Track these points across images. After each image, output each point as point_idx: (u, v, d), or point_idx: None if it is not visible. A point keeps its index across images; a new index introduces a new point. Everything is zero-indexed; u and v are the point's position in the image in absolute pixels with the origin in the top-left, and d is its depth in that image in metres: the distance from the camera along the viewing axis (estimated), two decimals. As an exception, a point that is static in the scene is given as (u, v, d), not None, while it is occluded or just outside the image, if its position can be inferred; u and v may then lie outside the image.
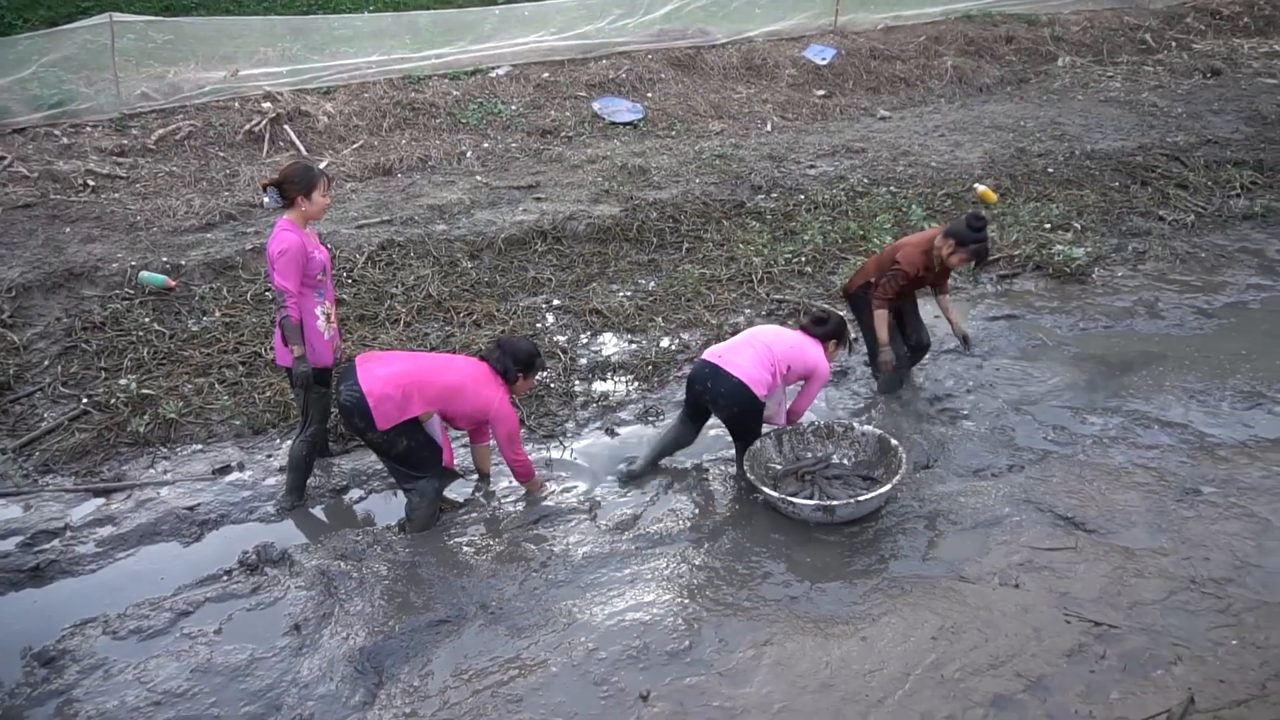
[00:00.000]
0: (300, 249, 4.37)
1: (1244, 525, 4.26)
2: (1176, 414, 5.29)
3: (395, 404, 4.16)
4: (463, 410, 4.33)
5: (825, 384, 4.83)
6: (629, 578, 4.09)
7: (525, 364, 4.42)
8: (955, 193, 8.75)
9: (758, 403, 4.53)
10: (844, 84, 12.07)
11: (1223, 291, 6.97)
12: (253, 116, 9.24)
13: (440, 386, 4.26)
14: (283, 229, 4.41)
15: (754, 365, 4.52)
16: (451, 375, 4.33)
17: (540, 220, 7.94)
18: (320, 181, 4.42)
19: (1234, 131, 10.42)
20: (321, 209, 4.49)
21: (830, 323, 4.80)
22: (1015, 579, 3.95)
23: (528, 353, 4.44)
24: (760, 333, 4.76)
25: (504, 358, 4.39)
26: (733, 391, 4.49)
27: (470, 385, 4.31)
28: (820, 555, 4.20)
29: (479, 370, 4.39)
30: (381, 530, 4.53)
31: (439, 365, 4.42)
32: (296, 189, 4.38)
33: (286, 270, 4.34)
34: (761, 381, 4.51)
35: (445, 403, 4.29)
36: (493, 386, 4.34)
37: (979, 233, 4.89)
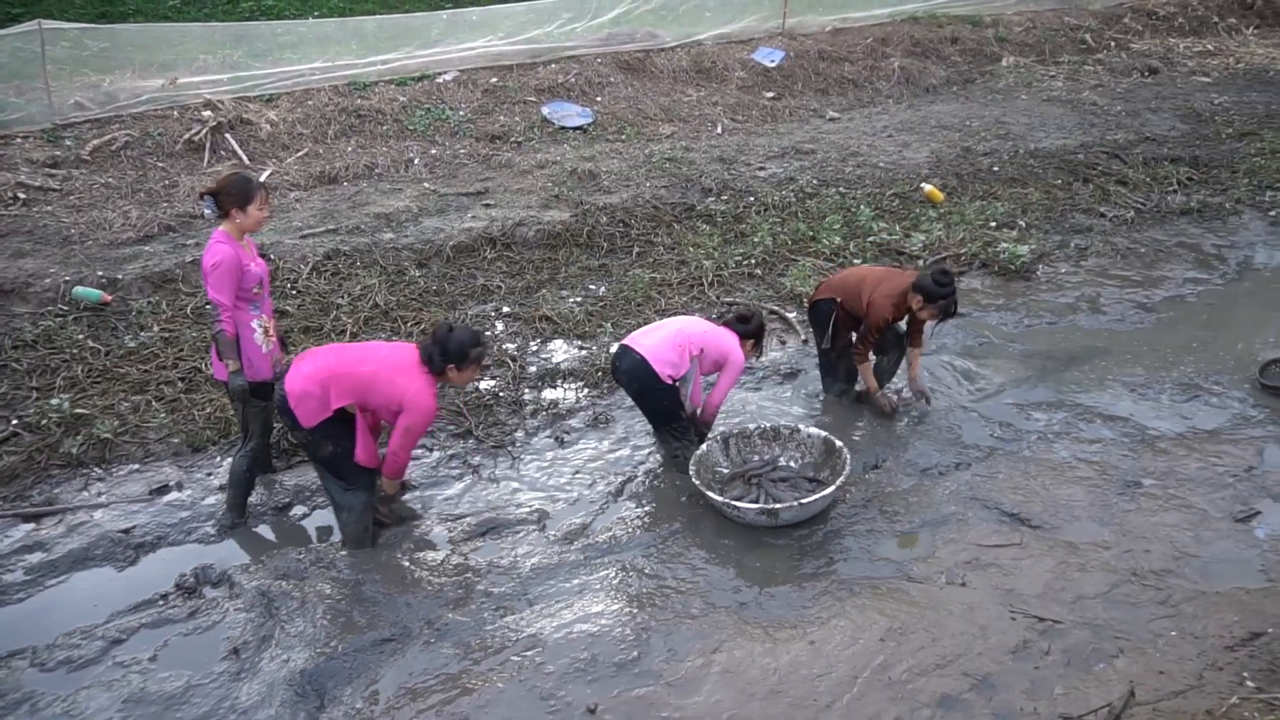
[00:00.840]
0: (234, 262, 4.27)
1: (1182, 516, 4.34)
2: (1118, 408, 5.38)
3: (316, 400, 4.04)
4: (379, 401, 4.07)
5: (739, 376, 4.82)
6: (577, 589, 4.04)
7: (456, 355, 4.04)
8: (903, 192, 8.84)
9: (658, 381, 4.54)
10: (793, 86, 12.14)
11: (1161, 286, 7.12)
12: (192, 125, 9.03)
13: (356, 377, 4.06)
14: (217, 241, 4.31)
15: (660, 345, 4.58)
16: (369, 365, 4.09)
17: (489, 227, 7.86)
18: (258, 194, 4.32)
19: (1171, 129, 10.67)
20: (258, 222, 4.40)
21: (753, 322, 4.83)
22: (962, 577, 3.97)
23: (460, 343, 4.04)
24: (679, 319, 4.87)
25: (431, 346, 4.06)
26: (634, 368, 4.55)
27: (385, 374, 4.05)
28: (769, 559, 4.19)
29: (403, 358, 4.12)
30: (325, 548, 4.42)
31: (360, 355, 4.18)
32: (232, 201, 4.28)
33: (220, 283, 4.24)
34: (665, 360, 4.54)
35: (362, 394, 4.07)
36: (411, 375, 4.05)
37: (945, 288, 4.83)
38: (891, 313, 5.00)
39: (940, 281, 4.84)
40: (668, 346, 4.62)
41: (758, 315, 4.94)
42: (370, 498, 4.34)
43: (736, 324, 4.85)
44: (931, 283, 4.85)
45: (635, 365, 4.60)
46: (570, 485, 4.86)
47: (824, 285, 5.43)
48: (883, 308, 4.98)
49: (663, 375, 4.57)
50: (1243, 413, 5.29)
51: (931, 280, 4.85)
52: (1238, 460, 4.77)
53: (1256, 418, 5.21)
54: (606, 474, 4.92)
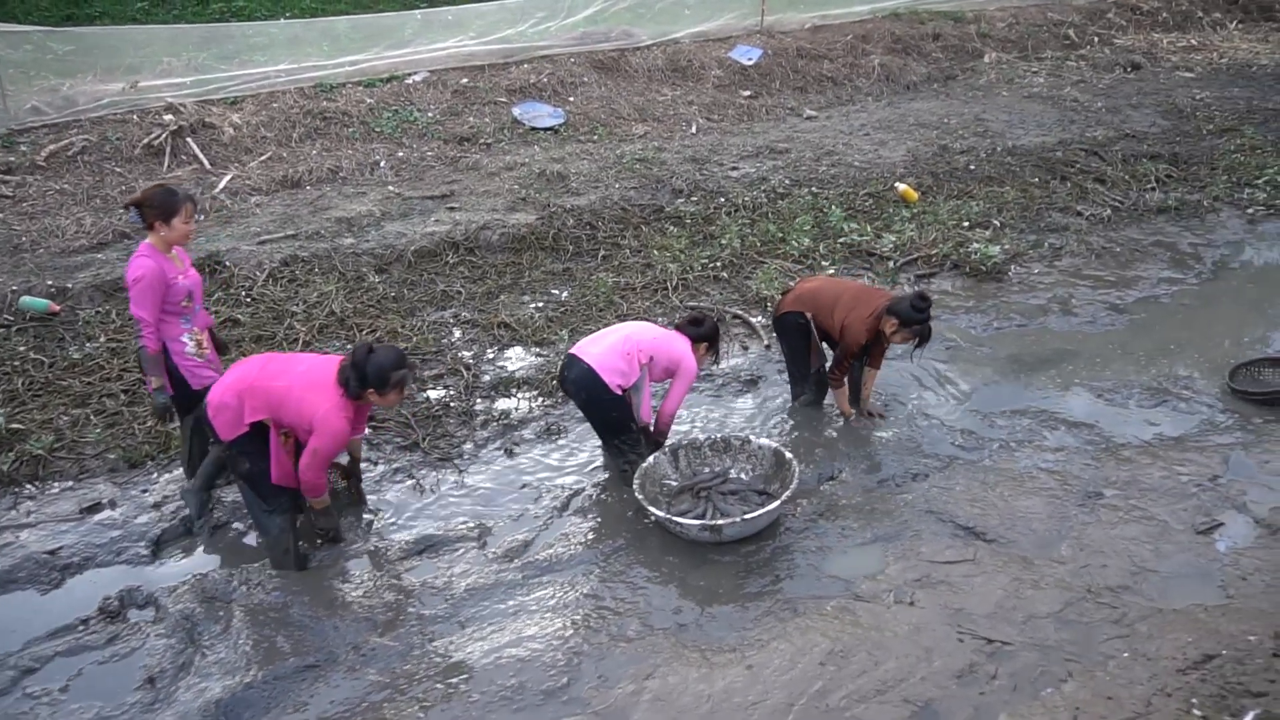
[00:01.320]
0: (157, 277, 4.14)
1: (1143, 529, 4.19)
2: (1084, 414, 5.23)
3: (232, 412, 3.89)
4: (291, 419, 3.90)
5: (693, 383, 4.63)
6: (512, 610, 3.89)
7: (376, 380, 3.84)
8: (877, 192, 8.69)
9: (607, 391, 4.38)
10: (770, 84, 11.99)
11: (1135, 286, 6.97)
12: (153, 130, 8.86)
13: (270, 391, 3.89)
14: (140, 255, 4.17)
15: (607, 353, 4.43)
16: (284, 379, 3.92)
17: (453, 231, 7.70)
18: (182, 207, 4.17)
19: (1151, 125, 10.53)
20: (183, 235, 4.26)
21: (705, 326, 4.67)
22: (911, 596, 3.82)
23: (379, 366, 3.83)
24: (627, 325, 4.70)
25: (348, 369, 3.85)
26: (580, 377, 4.40)
27: (298, 390, 3.87)
28: (713, 577, 4.04)
29: (320, 374, 3.93)
30: (257, 568, 4.26)
31: (280, 369, 4.00)
32: (156, 214, 4.15)
33: (141, 299, 4.12)
34: (613, 369, 4.40)
35: (275, 410, 3.89)
36: (324, 393, 3.86)
37: (922, 313, 4.67)
38: (866, 337, 4.85)
39: (918, 307, 4.69)
40: (616, 355, 4.46)
41: (710, 319, 4.78)
42: (290, 520, 4.18)
43: (688, 328, 4.69)
44: (909, 308, 4.69)
45: (582, 375, 4.45)
46: (516, 499, 4.70)
47: (792, 296, 5.21)
48: (857, 333, 4.82)
49: (611, 385, 4.42)
50: (1211, 419, 5.14)
51: (909, 305, 4.70)
52: (1202, 469, 4.62)
53: (1224, 424, 5.07)
54: (554, 488, 4.77)
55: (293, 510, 4.21)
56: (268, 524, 4.14)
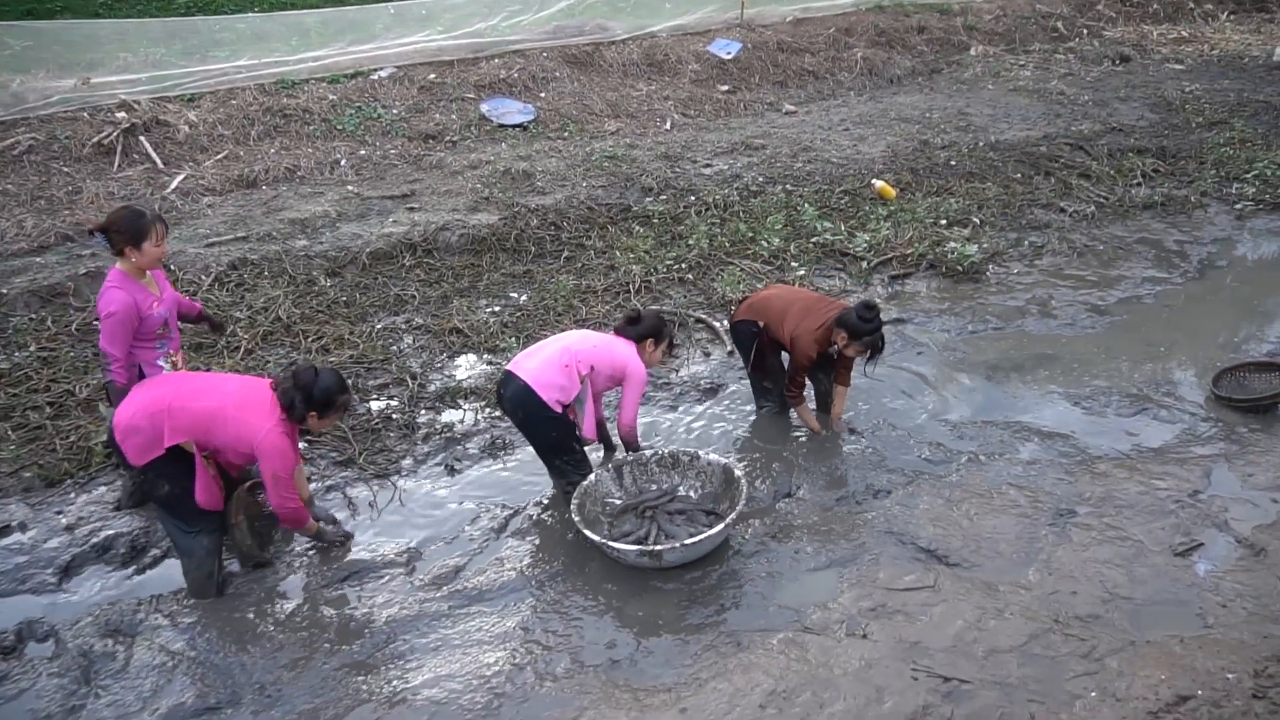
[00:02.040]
0: (129, 312, 3.86)
1: (1116, 550, 3.90)
2: (1059, 424, 4.95)
3: (145, 437, 3.61)
4: (223, 440, 3.66)
5: (645, 387, 4.31)
6: (433, 645, 3.60)
7: (321, 403, 3.71)
8: (853, 189, 8.39)
9: (545, 409, 4.09)
10: (750, 78, 11.69)
11: (1118, 286, 6.69)
12: (104, 128, 8.55)
13: (195, 413, 3.63)
14: (112, 286, 3.88)
15: (544, 368, 4.13)
16: (212, 399, 3.67)
17: (410, 232, 7.40)
18: (152, 230, 3.85)
19: (1139, 119, 10.24)
20: (155, 259, 3.95)
21: (644, 322, 4.32)
22: (864, 628, 3.53)
23: (326, 390, 3.71)
24: (565, 335, 4.38)
25: (293, 390, 3.66)
26: (515, 395, 4.12)
27: (232, 411, 3.64)
28: (654, 607, 3.75)
29: (254, 395, 3.72)
30: (168, 597, 3.97)
31: (204, 388, 3.76)
32: (124, 239, 3.84)
33: (113, 335, 3.86)
34: (550, 384, 4.09)
35: (203, 432, 3.64)
36: (262, 414, 3.66)
37: (870, 323, 4.35)
38: (815, 350, 4.55)
39: (864, 317, 4.37)
40: (553, 369, 4.15)
41: (651, 314, 4.42)
42: (216, 542, 3.91)
43: (626, 329, 4.33)
44: (856, 318, 4.38)
45: (518, 393, 4.14)
46: (452, 520, 4.41)
47: (746, 305, 4.93)
48: (806, 346, 4.53)
49: (549, 402, 4.11)
50: (1192, 428, 4.86)
51: (856, 316, 4.38)
52: (1182, 483, 4.34)
53: (1207, 434, 4.79)
54: (493, 507, 4.48)
55: (219, 531, 3.93)
56: (191, 546, 3.86)
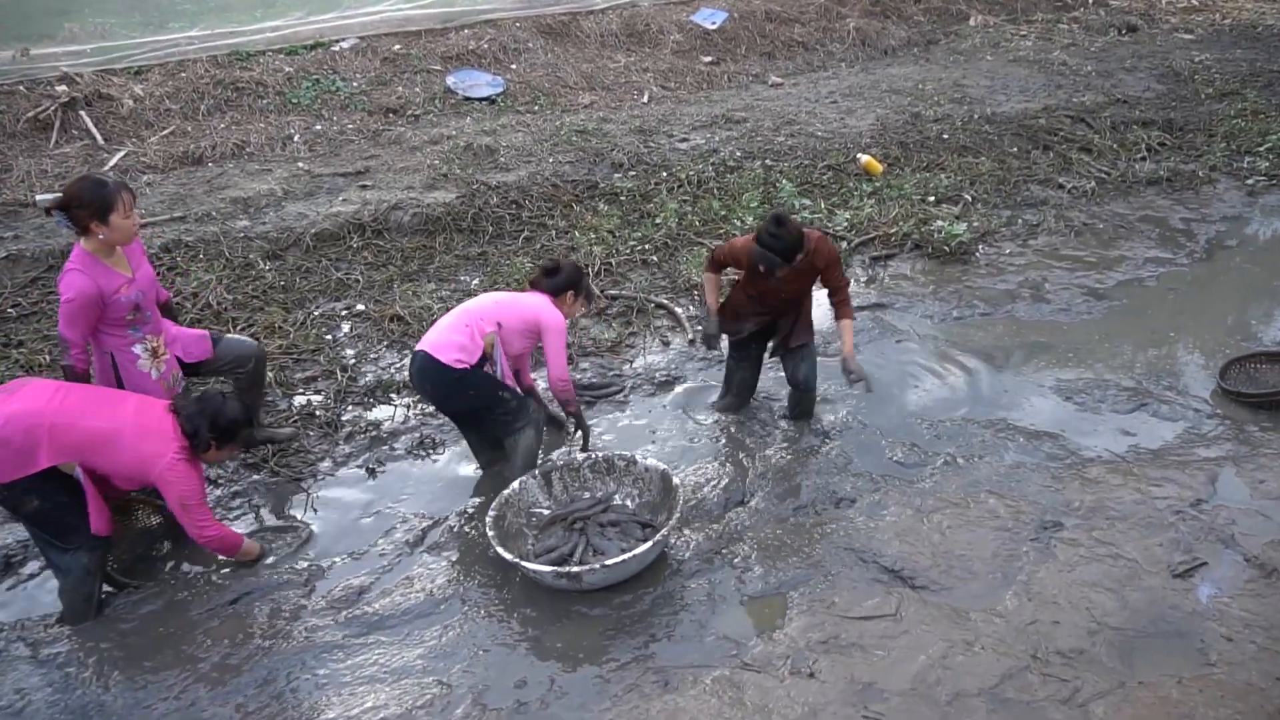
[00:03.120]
0: (91, 299, 3.45)
1: (1106, 571, 3.42)
2: (1048, 422, 4.45)
3: (14, 452, 3.18)
4: (116, 466, 3.31)
5: (565, 336, 3.99)
6: (320, 682, 3.14)
7: (225, 432, 3.45)
8: (838, 164, 7.86)
9: (450, 371, 3.76)
10: (735, 49, 11.12)
11: (1118, 267, 6.16)
12: (42, 101, 8.06)
13: (84, 432, 3.25)
14: (72, 268, 3.45)
15: (443, 333, 3.85)
16: (106, 419, 3.30)
17: (360, 211, 6.90)
18: (118, 200, 3.41)
19: (1145, 90, 9.65)
20: (126, 233, 3.51)
21: (563, 272, 4.04)
22: (811, 664, 3.06)
23: (231, 419, 3.45)
24: (465, 303, 4.09)
25: (197, 418, 3.39)
26: (420, 369, 3.83)
27: (130, 436, 3.30)
28: (574, 636, 3.28)
29: (152, 419, 3.38)
30: (35, 622, 3.52)
31: (96, 404, 3.36)
32: (89, 214, 3.39)
33: (71, 320, 3.49)
34: (451, 346, 3.79)
35: (89, 454, 3.27)
36: (163, 440, 3.34)
37: (772, 237, 3.79)
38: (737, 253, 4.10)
39: (770, 231, 3.81)
40: (452, 331, 3.85)
41: (568, 264, 4.13)
42: (98, 560, 3.46)
43: (544, 281, 4.05)
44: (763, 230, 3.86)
45: (422, 365, 3.83)
46: (363, 531, 3.95)
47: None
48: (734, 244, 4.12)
49: (451, 363, 3.77)
50: (1196, 426, 4.36)
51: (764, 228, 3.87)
52: (1184, 490, 3.84)
53: (1212, 433, 4.29)
54: (411, 517, 4.01)
55: (102, 548, 3.49)
56: (69, 564, 3.43)
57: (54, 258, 6.17)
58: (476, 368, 3.81)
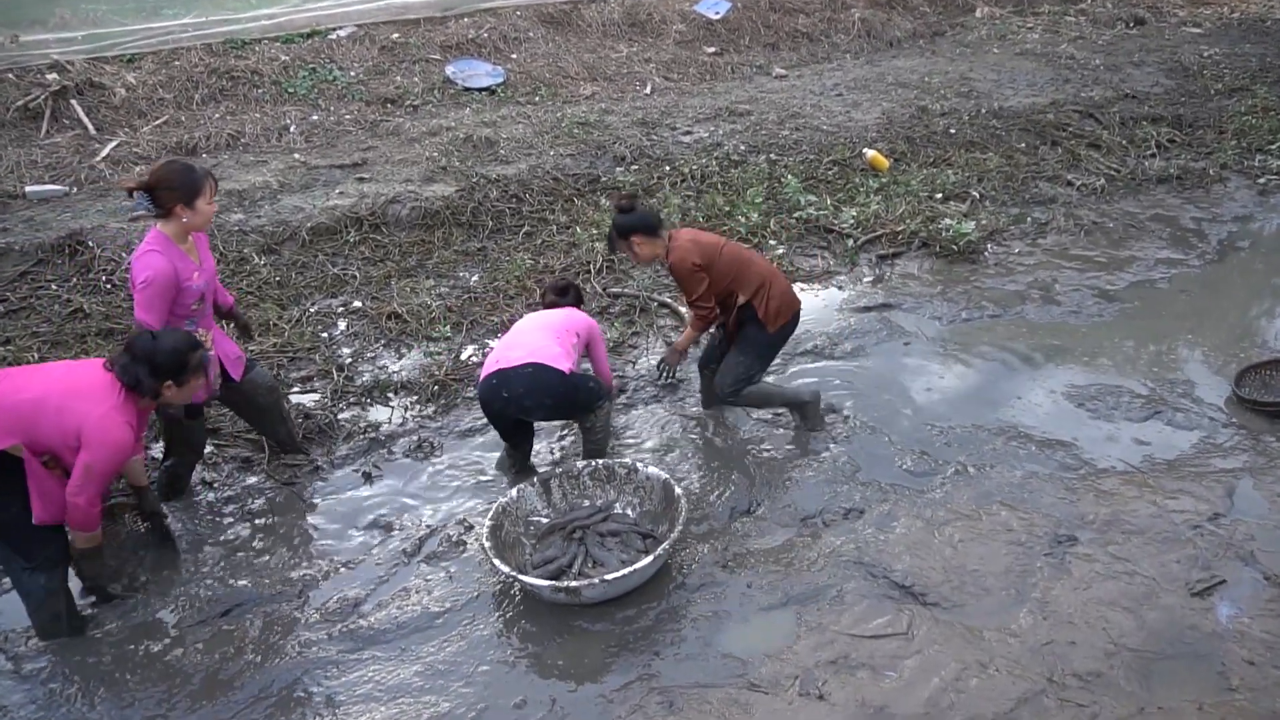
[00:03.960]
0: (170, 279, 3.44)
1: (1123, 589, 3.33)
2: (1060, 430, 4.35)
3: None
4: (49, 436, 3.05)
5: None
6: (312, 701, 3.04)
7: (173, 368, 3.15)
8: (843, 159, 7.73)
9: (568, 378, 3.79)
10: (739, 40, 10.97)
11: (1129, 268, 6.05)
12: (32, 90, 7.90)
13: (16, 407, 3.05)
14: (151, 249, 3.42)
15: (541, 343, 3.87)
16: (35, 389, 3.09)
17: (358, 205, 6.77)
18: (205, 184, 3.48)
19: (1154, 85, 9.51)
20: (207, 219, 3.57)
21: (573, 289, 4.46)
22: (820, 685, 2.97)
23: (171, 352, 3.14)
24: (526, 320, 4.15)
25: (133, 365, 3.12)
26: (537, 382, 3.74)
27: (55, 400, 3.05)
28: (575, 654, 3.19)
29: (84, 378, 3.14)
30: (19, 634, 3.42)
31: (27, 378, 3.17)
32: (177, 196, 3.41)
33: (150, 304, 3.45)
34: (559, 355, 3.84)
35: (28, 429, 3.05)
36: (94, 400, 3.08)
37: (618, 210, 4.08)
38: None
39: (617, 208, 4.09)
40: (547, 342, 3.89)
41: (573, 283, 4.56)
42: (59, 577, 3.33)
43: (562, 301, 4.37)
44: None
45: (539, 378, 3.74)
46: (360, 540, 3.85)
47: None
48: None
49: (567, 371, 3.83)
50: (1212, 435, 4.25)
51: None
52: (1200, 504, 3.75)
53: (1228, 443, 4.18)
54: (408, 525, 3.91)
55: (63, 564, 3.36)
56: (29, 584, 3.29)
57: (44, 251, 6.04)
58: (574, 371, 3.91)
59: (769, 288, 4.08)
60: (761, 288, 4.06)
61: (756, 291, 4.05)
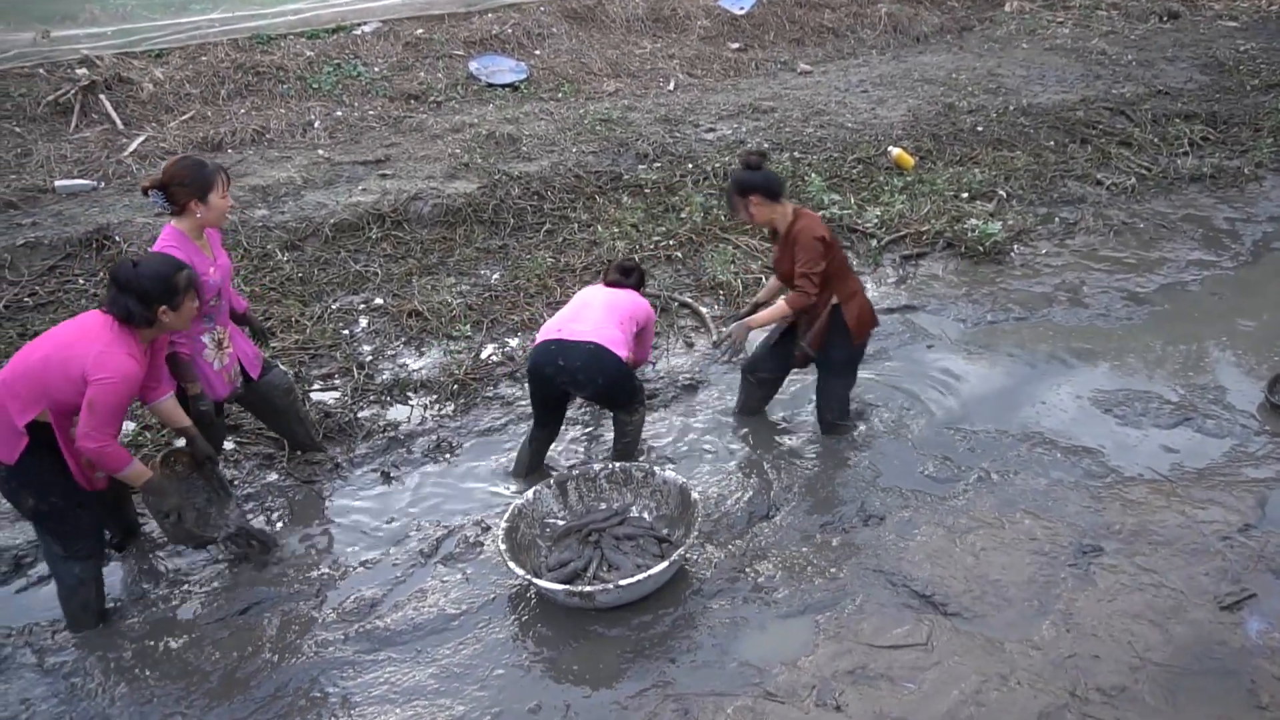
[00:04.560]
0: None
1: (1149, 600, 3.26)
2: (1086, 436, 4.27)
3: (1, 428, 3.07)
4: (60, 390, 3.04)
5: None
6: (328, 702, 3.05)
7: (162, 291, 3.08)
8: (868, 157, 7.65)
9: (622, 365, 3.85)
10: (763, 36, 10.89)
11: (1159, 270, 5.94)
12: (62, 85, 7.99)
13: (26, 372, 3.07)
14: (169, 246, 3.43)
15: (604, 324, 3.90)
16: (42, 349, 3.11)
17: (380, 201, 6.78)
18: (218, 180, 3.51)
19: (1187, 81, 9.33)
20: (221, 214, 3.61)
21: (635, 271, 4.35)
22: (838, 696, 2.94)
23: (155, 275, 3.07)
24: (590, 294, 4.14)
25: (121, 296, 3.05)
26: (596, 360, 3.78)
27: (60, 351, 3.06)
28: (590, 659, 3.17)
29: (84, 326, 3.14)
30: (43, 626, 3.46)
31: (34, 345, 3.19)
32: (189, 192, 3.44)
33: None
34: (618, 341, 3.87)
35: (44, 391, 3.05)
36: (91, 340, 3.06)
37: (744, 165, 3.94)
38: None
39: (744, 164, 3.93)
40: (609, 324, 3.92)
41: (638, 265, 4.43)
42: (93, 568, 3.39)
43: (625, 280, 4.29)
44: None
45: (597, 357, 3.78)
46: (377, 540, 3.86)
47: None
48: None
49: (626, 359, 3.90)
50: (1243, 444, 4.16)
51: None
52: (1231, 514, 3.67)
53: (1260, 451, 4.09)
54: (426, 525, 3.91)
55: (97, 556, 3.42)
56: (63, 572, 3.36)
57: (72, 245, 6.11)
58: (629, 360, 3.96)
59: (859, 297, 4.05)
60: (855, 295, 4.03)
61: (851, 296, 4.00)
